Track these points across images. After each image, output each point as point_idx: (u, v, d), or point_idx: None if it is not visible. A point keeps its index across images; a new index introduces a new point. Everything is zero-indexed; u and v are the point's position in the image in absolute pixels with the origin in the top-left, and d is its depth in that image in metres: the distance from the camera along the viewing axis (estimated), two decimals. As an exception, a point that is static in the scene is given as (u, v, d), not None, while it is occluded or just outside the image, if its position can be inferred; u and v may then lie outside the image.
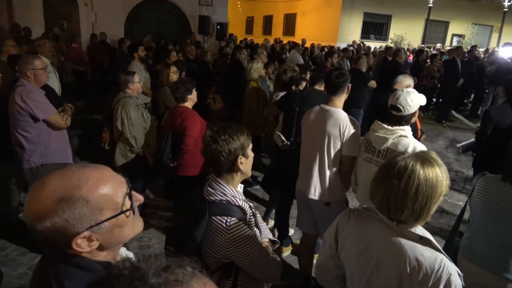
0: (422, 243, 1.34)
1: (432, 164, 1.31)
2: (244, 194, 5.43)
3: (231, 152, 1.59)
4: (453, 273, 1.29)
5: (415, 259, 1.31)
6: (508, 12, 18.03)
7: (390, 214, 1.34)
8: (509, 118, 3.64)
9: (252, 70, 4.87)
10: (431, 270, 1.28)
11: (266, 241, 1.85)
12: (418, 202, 1.28)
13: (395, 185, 1.29)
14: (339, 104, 2.75)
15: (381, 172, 1.38)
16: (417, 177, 1.28)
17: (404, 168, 1.30)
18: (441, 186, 1.30)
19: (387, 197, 1.32)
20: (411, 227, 1.36)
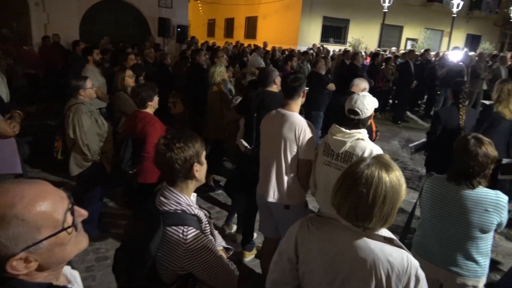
0: (386, 242, 1.37)
1: (393, 169, 1.34)
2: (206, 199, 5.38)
3: (187, 159, 1.56)
4: (418, 267, 1.35)
5: (387, 261, 1.33)
6: (457, 18, 19.17)
7: (358, 222, 1.35)
8: (456, 119, 3.85)
9: (215, 74, 4.83)
10: (402, 269, 1.32)
11: (220, 249, 1.83)
12: (386, 209, 1.30)
13: (364, 194, 1.30)
14: (295, 108, 2.77)
15: (347, 181, 1.36)
16: (384, 185, 1.29)
17: (371, 177, 1.30)
18: (402, 189, 1.34)
19: (355, 207, 1.32)
20: (376, 230, 1.38)
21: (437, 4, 21.11)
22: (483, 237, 2.10)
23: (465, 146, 2.07)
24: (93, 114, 3.63)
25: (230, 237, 4.16)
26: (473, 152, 2.03)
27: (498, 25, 24.36)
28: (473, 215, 2.06)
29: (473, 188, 2.08)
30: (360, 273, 1.36)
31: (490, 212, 2.04)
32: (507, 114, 4.04)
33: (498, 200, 2.07)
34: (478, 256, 2.13)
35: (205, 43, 13.87)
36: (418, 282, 1.33)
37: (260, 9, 21.71)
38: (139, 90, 3.43)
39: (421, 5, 21.40)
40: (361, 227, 1.36)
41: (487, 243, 2.14)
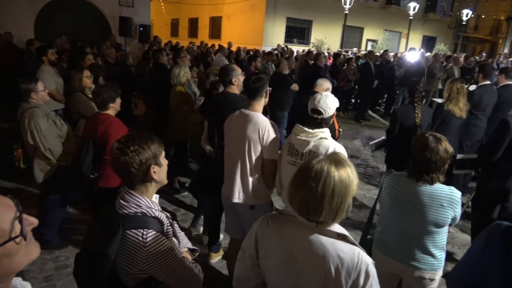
0: (340, 239, 1.41)
1: (343, 165, 1.38)
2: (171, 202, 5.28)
3: (143, 162, 1.53)
4: (369, 263, 1.39)
5: (337, 256, 1.37)
6: (414, 20, 20.02)
7: (310, 216, 1.39)
8: (413, 117, 4.01)
9: (181, 74, 4.76)
10: (352, 264, 1.36)
11: (185, 251, 1.81)
12: (335, 202, 1.35)
13: (313, 188, 1.34)
14: (258, 108, 2.79)
15: (299, 176, 1.41)
16: (332, 179, 1.34)
17: (320, 171, 1.35)
18: (352, 185, 1.38)
19: (306, 200, 1.36)
20: (329, 226, 1.42)
21: (395, 7, 21.94)
22: (439, 231, 2.19)
23: (425, 144, 2.15)
24: (50, 117, 3.47)
25: (197, 239, 4.12)
26: (434, 149, 2.12)
27: (451, 27, 25.68)
28: (430, 210, 2.14)
29: (433, 183, 2.16)
30: (312, 267, 1.40)
31: (445, 207, 2.13)
32: (457, 112, 4.27)
33: (453, 195, 2.16)
34: (434, 250, 2.22)
35: (169, 42, 13.66)
36: (368, 278, 1.36)
37: (224, 9, 21.65)
38: (101, 91, 3.32)
39: (380, 8, 22.15)
40: (313, 221, 1.40)
41: (442, 237, 2.24)
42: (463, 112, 4.31)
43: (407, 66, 10.06)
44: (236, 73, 3.34)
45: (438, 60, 10.87)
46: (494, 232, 1.55)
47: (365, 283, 1.35)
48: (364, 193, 5.60)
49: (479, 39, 28.89)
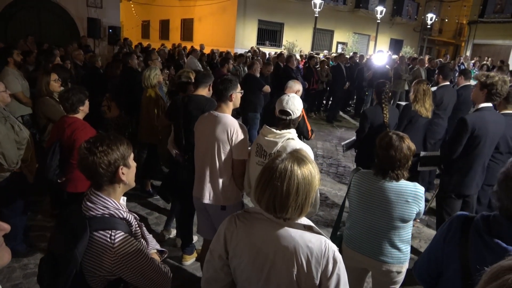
0: (306, 230, 1.47)
1: (305, 163, 1.45)
2: (144, 205, 5.21)
3: (111, 163, 1.54)
4: (335, 250, 1.47)
5: (306, 246, 1.43)
6: (381, 23, 20.63)
7: (277, 213, 1.44)
8: (381, 117, 4.16)
9: (151, 77, 4.72)
10: (320, 253, 1.43)
11: (153, 252, 1.82)
12: (300, 199, 1.41)
13: (279, 187, 1.39)
14: (226, 110, 2.83)
15: (264, 176, 1.45)
16: (296, 177, 1.40)
17: (284, 170, 1.40)
18: (315, 181, 1.45)
19: (272, 199, 1.41)
20: (295, 220, 1.48)
21: (364, 10, 22.52)
22: (404, 226, 2.29)
23: (389, 143, 2.25)
24: (8, 120, 3.35)
25: (170, 242, 4.10)
26: (398, 147, 2.21)
27: (417, 31, 26.62)
28: (396, 206, 2.24)
29: (398, 180, 2.26)
30: (283, 260, 1.44)
31: (410, 203, 2.23)
32: (423, 112, 4.45)
33: (417, 191, 2.27)
34: (400, 244, 2.32)
35: (139, 45, 13.45)
36: (336, 263, 1.45)
37: (196, 11, 21.54)
38: (69, 94, 3.25)
39: (349, 11, 22.67)
40: (281, 218, 1.45)
41: (407, 231, 2.34)
42: (429, 112, 4.51)
43: (375, 68, 10.36)
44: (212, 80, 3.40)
45: (404, 62, 11.26)
46: (455, 222, 1.65)
47: (334, 268, 1.43)
48: (336, 192, 5.74)
49: (443, 42, 30.06)
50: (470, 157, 3.26)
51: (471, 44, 24.08)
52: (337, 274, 1.44)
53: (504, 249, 1.41)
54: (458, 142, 3.24)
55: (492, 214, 1.52)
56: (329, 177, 6.36)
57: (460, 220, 1.61)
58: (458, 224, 1.60)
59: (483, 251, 1.46)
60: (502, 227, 1.45)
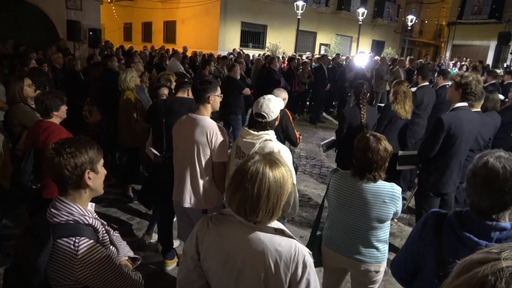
0: (277, 234, 1.45)
1: (278, 165, 1.43)
2: (125, 210, 5.12)
3: (77, 166, 1.50)
4: (306, 254, 1.44)
5: (275, 250, 1.41)
6: (363, 25, 20.87)
7: (247, 216, 1.42)
8: (359, 117, 4.20)
9: (127, 79, 4.65)
10: (289, 257, 1.40)
11: (125, 259, 1.78)
12: (271, 202, 1.39)
13: (250, 190, 1.37)
14: (205, 112, 2.81)
15: (235, 178, 1.44)
16: (267, 180, 1.37)
17: (256, 172, 1.38)
18: (287, 184, 1.43)
19: (243, 202, 1.39)
20: (266, 224, 1.46)
21: (346, 12, 22.76)
22: (381, 226, 2.30)
23: (366, 144, 2.26)
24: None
25: (152, 247, 4.04)
26: (375, 149, 2.22)
27: (398, 32, 27.06)
28: (373, 207, 2.25)
29: (375, 181, 2.27)
30: (252, 264, 1.43)
31: (388, 203, 2.25)
32: (402, 114, 4.52)
33: (394, 191, 2.28)
34: (378, 244, 2.33)
35: (120, 47, 13.31)
36: (306, 267, 1.41)
37: (178, 14, 21.41)
38: (43, 98, 3.17)
39: (331, 13, 22.89)
40: (251, 221, 1.43)
41: (385, 231, 2.35)
42: (408, 114, 4.57)
43: (356, 69, 10.48)
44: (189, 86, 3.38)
45: (385, 63, 11.41)
46: (429, 219, 1.67)
47: (303, 273, 1.41)
48: (319, 192, 5.76)
49: (424, 43, 30.62)
50: (447, 156, 3.31)
51: (451, 45, 24.62)
52: (306, 278, 1.41)
53: (476, 243, 1.43)
54: (435, 141, 3.29)
55: (464, 210, 1.54)
56: (312, 178, 6.38)
57: (434, 217, 1.63)
58: (432, 221, 1.62)
59: (456, 246, 1.49)
60: (473, 222, 1.48)
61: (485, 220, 1.44)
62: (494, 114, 4.52)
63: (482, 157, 1.46)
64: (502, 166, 1.39)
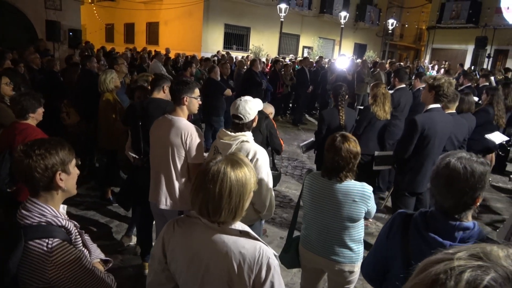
0: (242, 236, 1.45)
1: (241, 165, 1.44)
2: (104, 213, 5.05)
3: (48, 167, 1.48)
4: (271, 256, 1.43)
5: (239, 252, 1.41)
6: (345, 28, 21.15)
7: (210, 217, 1.42)
8: (338, 119, 4.26)
9: (107, 81, 4.60)
10: (253, 259, 1.40)
11: (97, 261, 1.77)
12: (233, 202, 1.40)
13: (211, 189, 1.38)
14: (181, 114, 2.80)
15: (198, 179, 1.45)
16: (229, 179, 1.39)
17: (217, 172, 1.40)
18: (250, 183, 1.45)
19: (205, 202, 1.40)
20: (230, 225, 1.46)
21: (328, 15, 23.02)
22: (354, 225, 2.33)
23: (331, 144, 2.30)
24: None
25: (131, 250, 4.00)
26: (337, 149, 2.25)
27: (380, 36, 27.51)
28: (344, 206, 2.27)
29: (341, 182, 2.29)
30: (216, 267, 1.43)
31: (358, 202, 2.27)
32: (381, 115, 4.60)
33: (364, 191, 2.30)
34: (351, 243, 2.36)
35: (101, 48, 13.12)
36: (270, 270, 1.40)
37: (161, 15, 21.25)
38: (20, 99, 3.11)
39: (314, 16, 23.10)
40: (215, 222, 1.44)
41: (358, 231, 2.38)
42: (387, 114, 4.66)
43: (337, 72, 10.61)
44: (168, 82, 3.35)
45: (366, 66, 11.60)
46: (396, 220, 1.71)
47: (267, 275, 1.40)
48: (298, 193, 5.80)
49: (404, 47, 31.23)
50: (421, 156, 3.39)
51: (430, 49, 25.14)
52: (270, 281, 1.40)
53: (440, 243, 1.47)
54: (409, 141, 3.36)
55: (429, 211, 1.59)
56: (293, 179, 6.43)
57: (401, 218, 1.67)
58: (399, 222, 1.66)
59: (422, 246, 1.52)
60: (438, 222, 1.51)
61: (449, 220, 1.48)
62: (469, 116, 4.66)
63: (445, 157, 1.51)
64: (463, 167, 1.44)
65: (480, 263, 0.67)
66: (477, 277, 0.64)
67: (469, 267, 0.66)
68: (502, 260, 0.69)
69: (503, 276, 0.65)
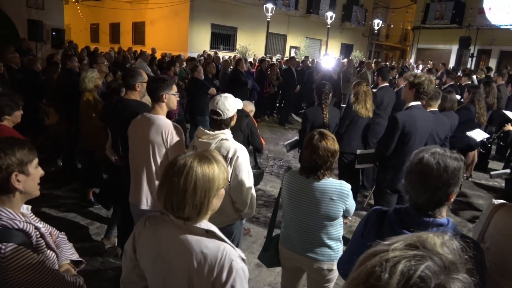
0: (208, 236, 1.41)
1: (210, 161, 1.41)
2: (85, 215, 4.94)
3: (2, 168, 1.42)
4: (234, 259, 1.37)
5: (201, 252, 1.37)
6: (332, 29, 21.28)
7: (175, 212, 1.39)
8: (321, 117, 4.26)
9: (86, 80, 4.52)
10: (214, 260, 1.35)
11: (66, 263, 1.71)
12: (198, 197, 1.36)
13: (176, 182, 1.35)
14: (160, 111, 2.75)
15: (164, 172, 1.42)
16: (194, 173, 1.35)
17: (183, 166, 1.37)
18: (218, 180, 1.41)
19: (170, 196, 1.36)
20: (196, 222, 1.41)
21: (315, 16, 23.12)
22: (332, 224, 2.31)
23: (309, 141, 2.27)
24: None
25: (111, 252, 3.92)
26: (314, 146, 2.22)
27: (366, 36, 27.75)
28: (322, 204, 2.24)
29: (319, 180, 2.26)
30: (178, 264, 1.40)
31: (335, 200, 2.24)
32: (364, 113, 4.62)
33: (342, 189, 2.27)
34: (330, 242, 2.33)
35: (85, 48, 12.93)
36: (231, 273, 1.34)
37: (147, 15, 21.06)
38: None
39: (301, 16, 23.18)
40: (180, 218, 1.40)
41: (337, 229, 2.36)
42: (370, 112, 4.68)
43: (323, 71, 10.65)
44: (141, 79, 3.26)
45: (352, 66, 11.68)
46: (371, 217, 1.69)
47: (228, 278, 1.34)
48: (284, 193, 5.78)
49: (390, 47, 31.56)
50: (402, 154, 3.40)
51: (416, 49, 25.44)
52: (231, 285, 1.33)
53: None
54: (390, 139, 3.37)
55: (403, 207, 1.57)
56: (279, 179, 6.40)
57: (375, 215, 1.66)
58: (374, 219, 1.64)
59: (396, 244, 1.51)
60: (411, 218, 1.50)
61: (423, 216, 1.47)
62: (452, 113, 4.70)
63: (419, 153, 1.50)
64: (436, 162, 1.43)
65: (415, 253, 0.66)
66: (411, 267, 0.63)
67: (404, 258, 0.65)
68: (438, 248, 0.67)
69: (438, 264, 0.64)
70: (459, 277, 0.64)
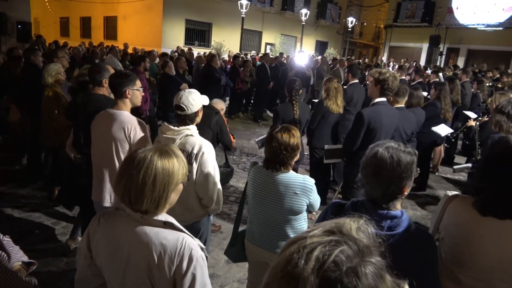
0: (166, 227, 1.42)
1: (170, 155, 1.41)
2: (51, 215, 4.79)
3: None
4: (194, 248, 1.40)
5: (160, 244, 1.37)
6: (307, 26, 21.43)
7: (132, 205, 1.38)
8: (292, 113, 4.28)
9: (46, 74, 4.36)
10: (174, 250, 1.37)
11: (18, 265, 1.66)
12: (156, 190, 1.36)
13: (135, 175, 1.35)
14: (124, 107, 2.69)
15: (123, 165, 1.42)
16: (154, 167, 1.35)
17: (143, 159, 1.36)
18: (177, 174, 1.41)
19: (128, 189, 1.36)
20: (154, 215, 1.42)
21: (290, 13, 23.23)
22: (296, 218, 2.32)
23: (270, 133, 2.28)
24: None
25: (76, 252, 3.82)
26: (277, 140, 2.22)
27: (340, 33, 28.12)
28: (285, 198, 2.25)
29: (277, 172, 2.26)
30: (137, 258, 1.40)
31: (299, 194, 2.26)
32: (335, 109, 4.67)
33: (305, 183, 2.28)
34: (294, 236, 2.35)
35: (54, 42, 12.50)
36: (191, 261, 1.37)
37: (119, 9, 20.58)
38: None
39: (276, 13, 23.23)
40: (138, 211, 1.40)
41: (301, 223, 2.36)
42: (340, 108, 4.74)
43: (297, 68, 10.72)
44: (108, 74, 3.18)
45: (326, 63, 11.81)
46: (329, 210, 1.71)
47: (188, 267, 1.37)
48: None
49: (364, 44, 32.11)
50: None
51: (388, 47, 26.02)
52: (192, 273, 1.37)
53: None
54: (356, 135, 3.42)
55: (360, 200, 1.60)
56: (251, 175, 6.41)
57: (334, 207, 1.68)
58: (332, 211, 1.66)
59: (352, 235, 1.53)
60: (367, 211, 1.52)
61: (378, 209, 1.50)
62: (419, 110, 4.83)
63: (374, 147, 1.52)
64: (390, 156, 1.45)
65: (331, 238, 0.67)
66: (326, 253, 0.64)
67: (321, 243, 0.66)
68: (354, 233, 0.69)
69: (353, 248, 0.65)
70: (372, 260, 0.66)
